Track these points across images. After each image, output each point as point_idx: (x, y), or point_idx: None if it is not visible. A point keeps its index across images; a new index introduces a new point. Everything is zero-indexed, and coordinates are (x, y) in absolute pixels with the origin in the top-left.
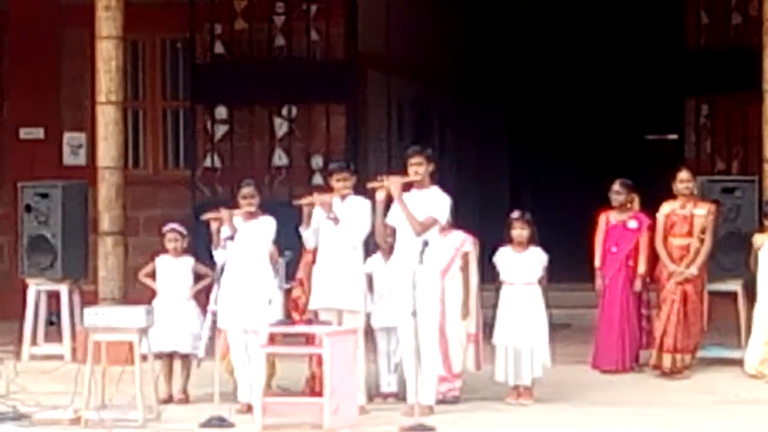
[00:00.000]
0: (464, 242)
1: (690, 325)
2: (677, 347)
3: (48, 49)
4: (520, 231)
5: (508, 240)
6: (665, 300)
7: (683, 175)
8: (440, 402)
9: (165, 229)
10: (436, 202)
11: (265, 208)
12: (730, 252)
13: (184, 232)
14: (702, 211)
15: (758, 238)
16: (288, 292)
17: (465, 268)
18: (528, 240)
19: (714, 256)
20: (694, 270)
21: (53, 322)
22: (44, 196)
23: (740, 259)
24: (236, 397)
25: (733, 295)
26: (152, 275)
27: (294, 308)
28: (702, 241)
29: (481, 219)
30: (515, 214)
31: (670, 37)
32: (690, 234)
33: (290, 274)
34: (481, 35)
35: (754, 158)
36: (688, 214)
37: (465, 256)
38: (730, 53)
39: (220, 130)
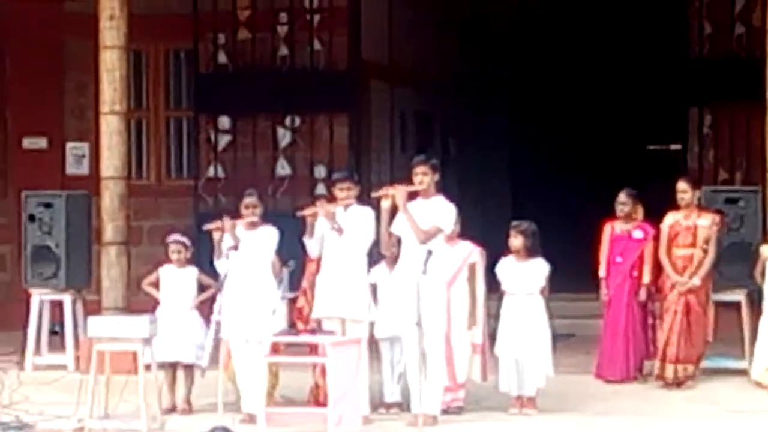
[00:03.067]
0: (471, 253)
1: (693, 336)
2: (680, 358)
3: (51, 59)
4: (513, 240)
5: (509, 250)
6: (668, 310)
7: (681, 185)
8: (444, 412)
9: (168, 240)
10: (441, 211)
11: (268, 219)
12: (734, 262)
13: (188, 242)
14: (705, 222)
15: (765, 249)
16: (292, 302)
17: (471, 279)
18: (528, 250)
19: (718, 267)
20: (697, 281)
21: (56, 331)
22: (48, 205)
23: (744, 269)
24: (239, 407)
25: (737, 306)
26: (156, 285)
27: (298, 318)
28: (705, 251)
29: (484, 228)
30: (512, 223)
31: (673, 46)
32: (693, 244)
33: (294, 284)
34: (485, 44)
35: (757, 168)
36: (691, 224)
37: (472, 267)
38: (733, 63)
39: (224, 139)
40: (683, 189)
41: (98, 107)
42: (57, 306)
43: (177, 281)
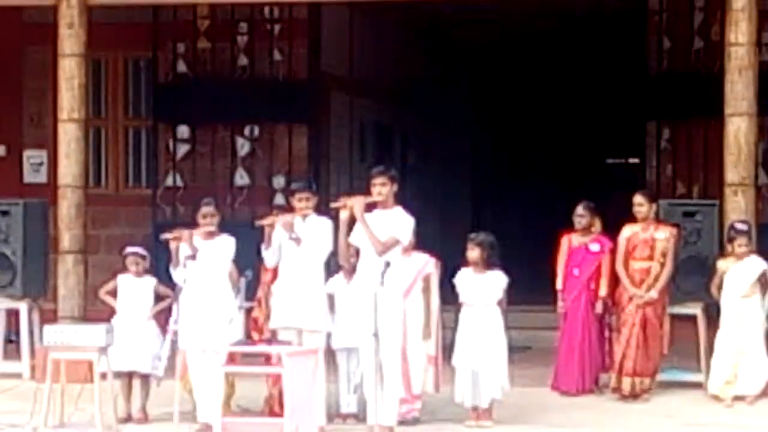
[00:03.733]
0: (426, 264)
1: (650, 349)
2: (637, 371)
3: (10, 66)
4: (470, 252)
5: (467, 262)
6: (625, 323)
7: (637, 198)
8: (400, 423)
9: (125, 252)
10: (399, 223)
11: (226, 228)
12: (690, 275)
13: (145, 254)
14: (663, 235)
15: (723, 264)
16: (248, 312)
17: (426, 290)
18: (485, 262)
19: (674, 280)
20: (654, 293)
21: (12, 340)
22: (5, 213)
23: (701, 282)
24: (195, 417)
25: (693, 319)
26: (113, 293)
27: (253, 328)
28: (663, 264)
29: (443, 240)
30: (470, 235)
31: (632, 61)
32: (651, 257)
33: (250, 294)
34: (445, 56)
35: (715, 182)
36: (649, 237)
37: (427, 278)
38: (692, 78)
39: (182, 149)
40: (639, 202)
41: (56, 115)
42: (13, 314)
43: (134, 291)
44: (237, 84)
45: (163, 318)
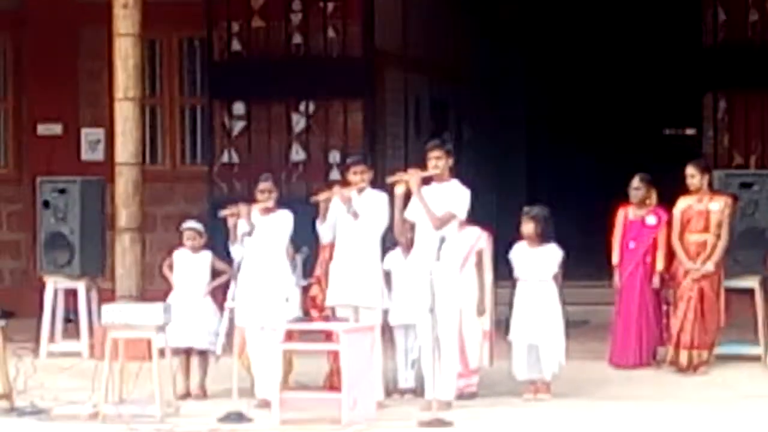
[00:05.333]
0: (479, 238)
1: (707, 322)
2: (694, 344)
3: (66, 47)
4: (524, 226)
5: (522, 236)
6: (682, 297)
7: (689, 169)
8: (458, 398)
9: (182, 227)
10: (455, 196)
11: (282, 204)
12: (747, 248)
13: (202, 230)
14: (717, 206)
15: None
16: (305, 290)
17: (479, 265)
18: (540, 236)
19: (731, 252)
20: (710, 266)
21: (71, 319)
22: (62, 191)
23: (758, 255)
24: (254, 393)
25: (750, 292)
26: (170, 269)
27: (312, 306)
28: (718, 236)
29: (499, 214)
30: (524, 209)
31: (688, 33)
32: (706, 230)
33: (307, 271)
34: (497, 31)
35: None
36: (703, 209)
37: (479, 253)
38: (747, 49)
39: (238, 125)
40: (691, 173)
41: (112, 94)
42: (71, 294)
43: (191, 266)
44: (292, 62)
45: (220, 294)
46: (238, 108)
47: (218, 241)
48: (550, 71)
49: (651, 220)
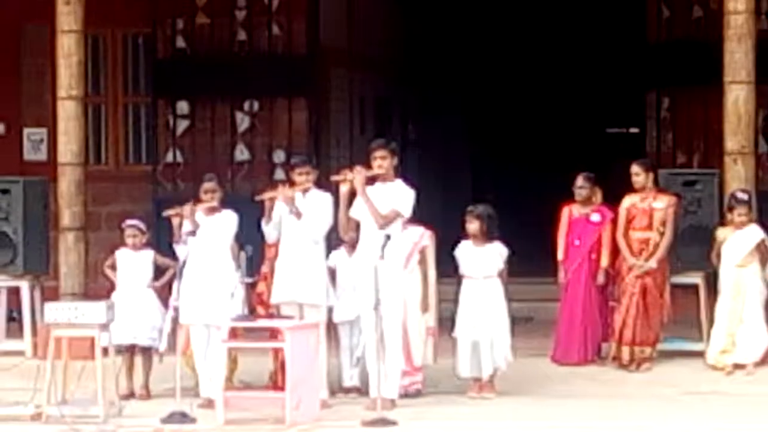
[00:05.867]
0: (422, 236)
1: (650, 318)
2: (636, 340)
3: (8, 44)
4: (469, 224)
5: (467, 234)
6: (625, 293)
7: (634, 168)
8: (402, 396)
9: (124, 225)
10: (400, 196)
11: (226, 204)
12: (691, 245)
13: (144, 228)
14: (661, 204)
15: (721, 233)
16: (251, 287)
17: (423, 262)
18: (484, 234)
19: (675, 250)
20: (653, 263)
21: (14, 318)
22: (5, 192)
23: (702, 252)
24: (198, 392)
25: (694, 288)
26: (113, 268)
27: (259, 303)
28: (662, 234)
29: (444, 213)
30: (468, 208)
31: (631, 30)
32: (650, 227)
33: (252, 269)
34: (441, 29)
35: (715, 151)
36: (647, 207)
37: (423, 251)
38: (691, 46)
39: (182, 125)
40: (636, 171)
41: (55, 93)
42: (14, 292)
43: (133, 264)
44: (236, 59)
45: (165, 292)
46: (182, 107)
47: (163, 240)
48: (491, 69)
49: (595, 217)
